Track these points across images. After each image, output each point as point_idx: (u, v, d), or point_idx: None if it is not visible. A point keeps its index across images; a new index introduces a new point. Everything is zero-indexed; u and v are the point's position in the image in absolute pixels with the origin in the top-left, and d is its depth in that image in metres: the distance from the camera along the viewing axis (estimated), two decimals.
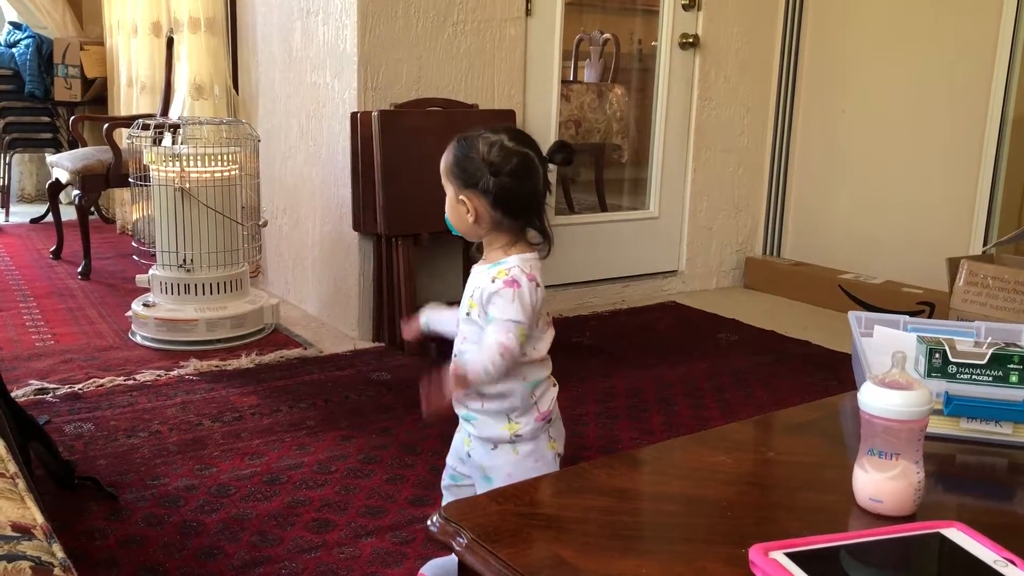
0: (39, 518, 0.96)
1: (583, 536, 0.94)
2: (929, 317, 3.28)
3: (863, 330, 1.51)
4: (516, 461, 1.47)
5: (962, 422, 1.19)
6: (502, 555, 0.90)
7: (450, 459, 1.60)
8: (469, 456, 1.52)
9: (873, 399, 0.99)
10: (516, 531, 0.95)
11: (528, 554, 0.91)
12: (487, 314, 1.42)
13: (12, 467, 1.06)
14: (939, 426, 1.19)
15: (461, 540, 0.94)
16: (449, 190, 1.45)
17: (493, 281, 1.41)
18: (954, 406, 1.18)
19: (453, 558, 1.54)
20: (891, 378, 1.00)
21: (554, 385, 1.51)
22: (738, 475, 1.09)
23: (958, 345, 1.29)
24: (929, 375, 1.24)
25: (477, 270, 1.48)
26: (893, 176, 3.62)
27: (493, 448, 1.49)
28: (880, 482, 0.99)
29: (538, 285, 1.42)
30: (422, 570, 1.63)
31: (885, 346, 1.45)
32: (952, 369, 1.23)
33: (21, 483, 1.02)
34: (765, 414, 1.53)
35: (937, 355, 1.24)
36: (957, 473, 1.16)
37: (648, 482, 1.07)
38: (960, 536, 0.89)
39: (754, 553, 0.86)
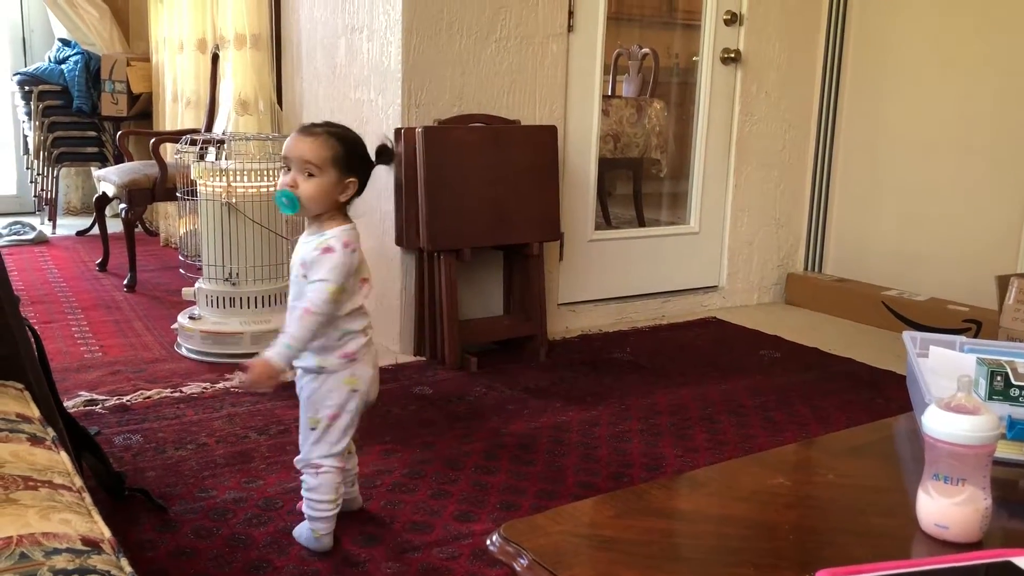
0: (107, 532, 0.97)
1: (644, 558, 0.94)
2: (975, 336, 3.23)
3: (918, 350, 1.49)
4: (316, 388, 1.74)
5: None
6: None
7: None
8: (302, 388, 1.77)
9: (939, 423, 0.97)
10: (576, 552, 0.96)
11: None
12: (306, 276, 1.69)
13: (78, 481, 1.08)
14: (1001, 450, 1.16)
15: (522, 561, 0.94)
16: (330, 174, 1.66)
17: (315, 249, 1.69)
18: (1018, 430, 1.17)
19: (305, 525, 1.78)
20: (957, 402, 0.99)
21: (366, 336, 1.76)
22: (798, 498, 1.08)
23: (1019, 367, 1.27)
24: (991, 398, 1.22)
25: (304, 240, 1.73)
26: (937, 191, 3.57)
27: (303, 375, 1.76)
28: (946, 508, 0.98)
29: (353, 250, 1.69)
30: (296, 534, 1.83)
31: (941, 367, 1.43)
32: (1015, 392, 1.21)
33: (88, 497, 1.04)
34: (819, 434, 1.51)
35: (999, 377, 1.22)
36: (1023, 499, 1.14)
37: (707, 504, 1.06)
38: None
39: None
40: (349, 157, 1.68)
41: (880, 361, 3.10)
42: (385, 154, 1.75)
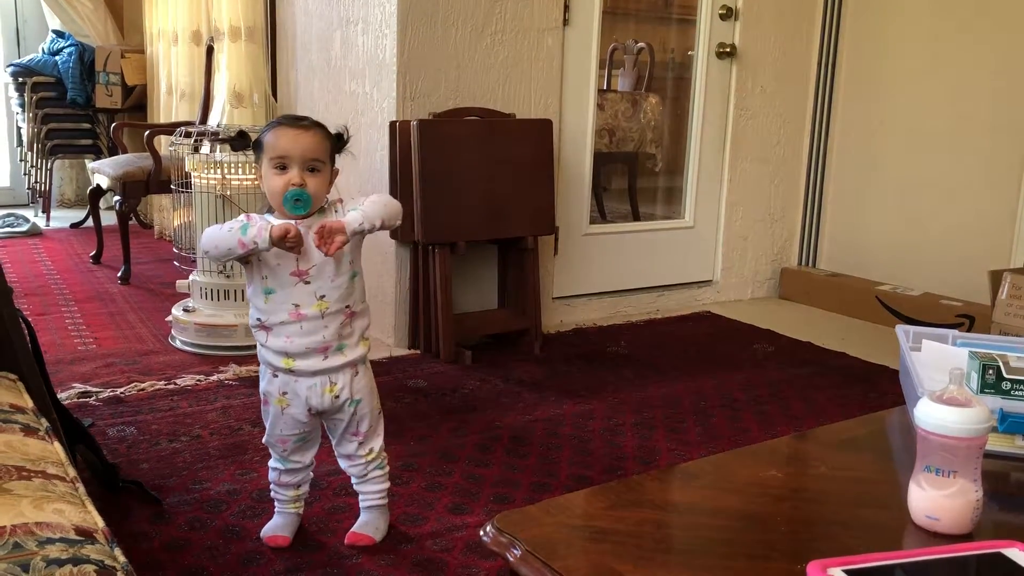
0: (100, 522, 0.97)
1: (637, 550, 0.94)
2: (968, 330, 3.25)
3: (911, 344, 1.50)
4: (370, 375, 1.73)
5: (1017, 439, 1.18)
6: (557, 567, 0.90)
7: (291, 429, 1.72)
8: (337, 398, 1.68)
9: (931, 416, 0.98)
10: (570, 543, 0.96)
11: (583, 567, 0.91)
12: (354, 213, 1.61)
13: (72, 471, 1.08)
14: (993, 443, 1.17)
15: (515, 552, 0.94)
16: (328, 166, 1.62)
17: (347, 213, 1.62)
18: (1009, 423, 1.17)
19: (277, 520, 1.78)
20: (949, 394, 0.99)
21: None
22: (791, 490, 1.08)
23: (1011, 361, 1.27)
24: (983, 391, 1.23)
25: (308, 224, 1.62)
26: (932, 186, 3.58)
27: (356, 374, 1.70)
28: (937, 499, 0.98)
29: None
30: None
31: (934, 361, 1.44)
32: (1006, 385, 1.22)
33: (81, 487, 1.04)
34: (812, 428, 1.52)
35: (991, 371, 1.23)
36: (1013, 491, 1.15)
37: (700, 496, 1.07)
38: (1022, 556, 0.88)
39: (812, 570, 0.85)
40: (334, 146, 1.66)
41: (873, 356, 3.11)
42: (340, 140, 1.69)
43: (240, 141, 1.74)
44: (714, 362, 3.04)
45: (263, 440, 1.79)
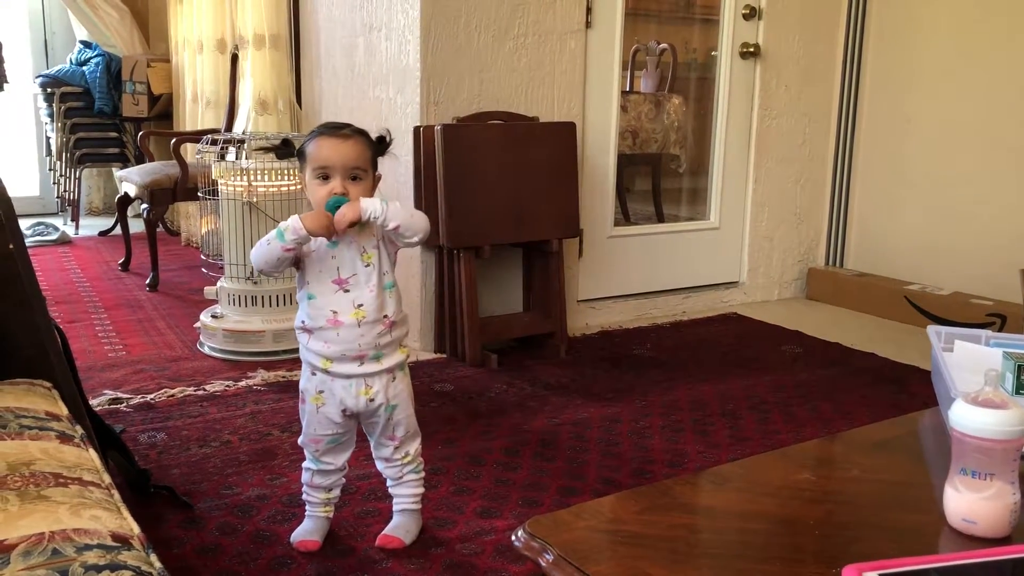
0: (136, 528, 0.98)
1: (670, 554, 0.94)
2: (1000, 330, 3.21)
3: (943, 345, 1.48)
4: (407, 381, 1.74)
5: None
6: (590, 572, 0.90)
7: (324, 429, 1.74)
8: (372, 401, 1.69)
9: (966, 418, 0.97)
10: (602, 548, 0.96)
11: (616, 572, 0.91)
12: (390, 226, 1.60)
13: (107, 478, 1.09)
14: None
15: (548, 557, 0.94)
16: (370, 173, 1.65)
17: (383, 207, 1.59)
18: None
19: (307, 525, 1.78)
20: (984, 396, 0.98)
21: None
22: (824, 493, 1.07)
23: None
24: (1018, 392, 1.21)
25: (350, 236, 1.64)
26: (960, 184, 3.54)
27: (393, 379, 1.71)
28: (974, 502, 0.97)
29: None
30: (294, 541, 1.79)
31: (966, 362, 1.42)
32: None
33: (116, 494, 1.05)
34: (842, 429, 1.50)
35: None
36: None
37: (732, 499, 1.06)
38: None
39: (848, 574, 0.85)
40: (376, 153, 1.68)
41: (903, 356, 3.08)
42: (383, 144, 1.71)
43: (284, 149, 1.76)
44: (741, 364, 3.02)
45: (299, 440, 1.81)
